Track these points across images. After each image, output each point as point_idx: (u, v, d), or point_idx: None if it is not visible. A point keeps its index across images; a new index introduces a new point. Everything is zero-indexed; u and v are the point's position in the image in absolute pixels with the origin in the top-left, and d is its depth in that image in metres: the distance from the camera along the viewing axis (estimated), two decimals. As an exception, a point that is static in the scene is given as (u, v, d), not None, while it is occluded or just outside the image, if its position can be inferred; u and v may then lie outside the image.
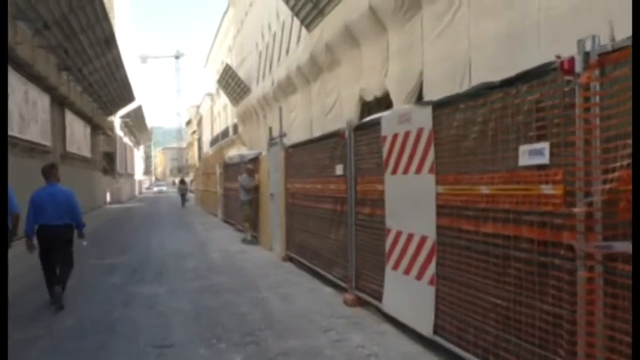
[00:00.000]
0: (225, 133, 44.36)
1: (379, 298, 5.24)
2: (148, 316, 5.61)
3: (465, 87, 8.10)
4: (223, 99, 46.98)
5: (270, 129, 11.23)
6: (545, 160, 2.91)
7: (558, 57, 2.80)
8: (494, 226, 3.37)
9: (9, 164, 6.54)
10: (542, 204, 2.94)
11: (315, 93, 19.10)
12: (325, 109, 17.74)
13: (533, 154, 3.00)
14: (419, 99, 11.38)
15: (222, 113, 49.69)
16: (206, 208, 24.42)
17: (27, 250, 6.11)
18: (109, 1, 27.05)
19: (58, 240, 6.23)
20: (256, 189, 11.75)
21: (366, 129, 5.63)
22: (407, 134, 4.54)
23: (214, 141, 50.31)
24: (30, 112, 15.41)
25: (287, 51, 22.17)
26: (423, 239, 4.34)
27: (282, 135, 9.63)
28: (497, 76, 3.44)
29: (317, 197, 7.34)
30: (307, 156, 7.85)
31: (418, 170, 4.38)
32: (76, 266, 6.84)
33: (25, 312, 5.89)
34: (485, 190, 3.46)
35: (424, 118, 4.25)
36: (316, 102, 18.96)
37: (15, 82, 14.01)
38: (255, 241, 11.75)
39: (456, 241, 3.85)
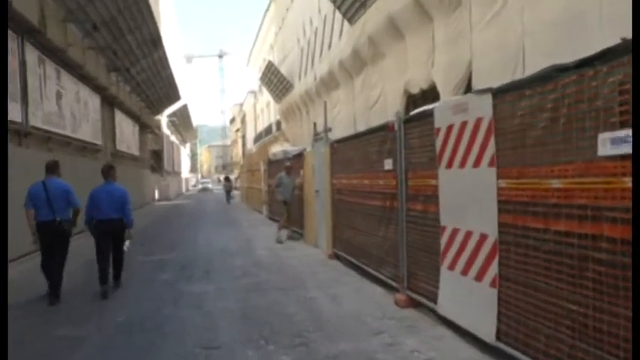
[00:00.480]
0: (268, 130, 44.64)
1: (434, 300, 4.97)
2: (196, 315, 5.54)
3: (518, 75, 7.64)
4: (266, 96, 47.26)
5: (315, 124, 11.04)
6: (629, 149, 2.58)
7: (624, 39, 2.46)
8: (568, 223, 3.05)
9: (62, 162, 7.34)
10: (626, 198, 2.61)
11: (358, 87, 18.80)
12: (369, 104, 17.42)
13: (615, 142, 2.67)
14: (467, 90, 10.95)
15: (265, 110, 50.01)
16: (251, 204, 24.59)
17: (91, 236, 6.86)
18: (155, 3, 27.61)
19: (112, 231, 6.83)
20: (299, 187, 11.63)
21: (417, 121, 5.35)
22: (463, 125, 4.25)
23: (257, 138, 50.75)
24: (81, 112, 15.87)
25: (329, 46, 21.96)
26: (483, 238, 4.04)
27: (327, 130, 9.43)
28: (553, 63, 3.11)
29: (364, 193, 7.11)
30: (354, 151, 7.62)
31: (476, 163, 4.08)
32: (127, 262, 7.33)
33: (75, 307, 5.96)
34: (556, 184, 3.14)
35: (483, 106, 3.95)
36: (359, 96, 18.65)
37: (67, 83, 14.45)
38: (297, 236, 11.68)
39: (522, 240, 3.54)
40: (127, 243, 7.11)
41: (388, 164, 6.08)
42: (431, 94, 13.59)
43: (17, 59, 10.69)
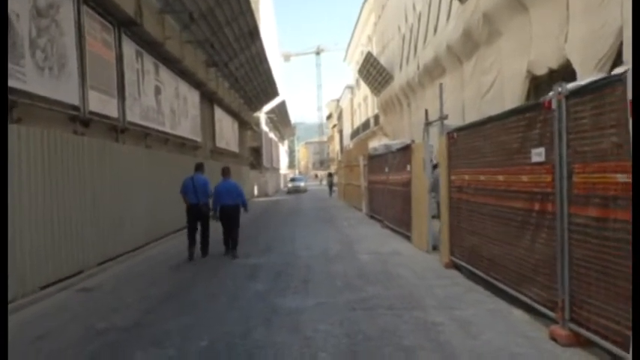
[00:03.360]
0: (365, 125, 43.52)
1: (615, 340, 3.52)
2: (294, 342, 4.50)
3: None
4: (363, 90, 46.19)
5: (427, 111, 9.66)
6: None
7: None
8: None
9: (162, 158, 9.41)
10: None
11: (468, 73, 17.01)
12: (481, 91, 15.62)
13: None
14: (614, 65, 8.99)
15: (363, 105, 48.96)
16: (349, 201, 23.60)
17: (214, 219, 9.53)
18: (255, 2, 27.52)
19: (230, 214, 9.42)
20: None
21: (591, 93, 3.87)
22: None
23: (355, 133, 49.81)
24: (180, 108, 15.75)
25: (435, 29, 20.26)
26: None
27: (444, 117, 8.04)
28: None
29: (498, 192, 5.69)
30: (481, 140, 6.21)
31: None
32: (219, 268, 8.42)
33: (160, 330, 5.21)
34: None
35: None
36: (470, 83, 16.86)
37: (166, 78, 14.30)
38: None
39: None
40: (246, 212, 9.72)
41: (538, 155, 4.65)
42: (562, 74, 11.64)
43: (114, 52, 10.47)
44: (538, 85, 13.02)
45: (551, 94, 4.34)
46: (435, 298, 5.87)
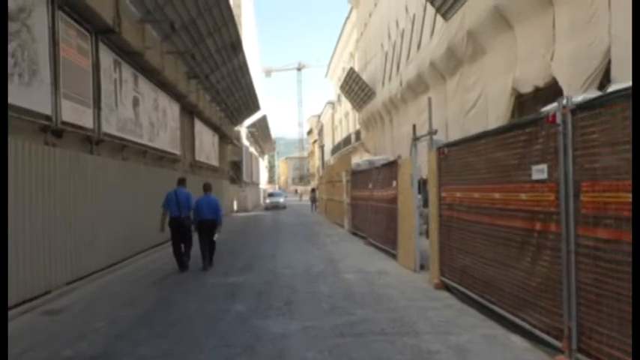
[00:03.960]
0: (347, 141, 43.43)
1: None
2: (278, 372, 4.13)
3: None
4: (344, 106, 46.23)
5: (414, 126, 9.44)
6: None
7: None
8: None
9: (140, 171, 10.90)
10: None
11: (451, 90, 16.97)
12: (465, 107, 15.56)
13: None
14: (601, 84, 8.93)
15: (344, 121, 48.96)
16: (330, 217, 23.28)
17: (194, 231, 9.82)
18: (237, 15, 27.30)
19: (209, 227, 9.75)
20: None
21: (600, 107, 3.64)
22: None
23: (336, 149, 49.71)
24: (160, 120, 15.30)
25: (418, 46, 20.27)
26: None
27: (433, 132, 7.82)
28: None
29: (493, 210, 5.43)
30: (475, 156, 5.97)
31: None
32: (198, 287, 8.09)
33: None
34: None
35: None
36: (453, 100, 16.81)
37: (145, 89, 13.87)
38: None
39: None
40: (216, 235, 9.95)
41: (539, 172, 4.40)
42: (547, 92, 11.61)
43: (90, 60, 10.02)
44: (522, 102, 12.99)
45: (550, 107, 4.11)
46: (427, 322, 5.55)
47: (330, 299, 6.84)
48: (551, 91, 11.52)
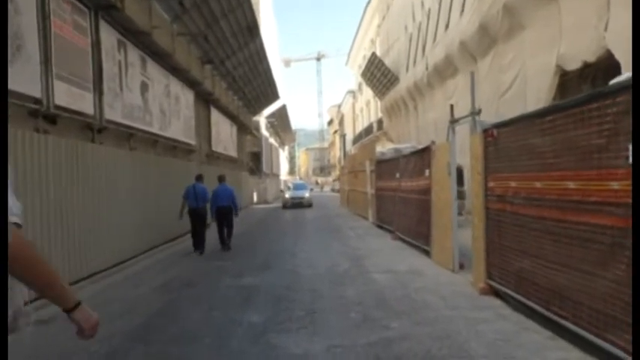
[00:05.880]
0: (368, 130, 42.30)
1: None
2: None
3: None
4: (365, 95, 45.03)
5: (452, 107, 8.35)
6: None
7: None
8: None
9: (150, 160, 10.34)
10: None
11: (483, 72, 15.71)
12: (499, 90, 14.35)
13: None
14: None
15: (365, 109, 47.79)
16: (353, 209, 22.26)
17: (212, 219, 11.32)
18: (255, 3, 26.28)
19: (225, 212, 11.09)
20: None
21: None
22: None
23: (357, 139, 48.59)
24: (172, 108, 14.41)
25: (446, 26, 19.00)
26: None
27: (476, 112, 6.74)
28: None
29: (564, 203, 4.36)
30: (537, 136, 4.88)
31: None
32: (208, 290, 7.26)
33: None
34: None
35: None
36: (485, 82, 15.54)
37: (155, 74, 12.98)
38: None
39: None
40: (236, 218, 11.41)
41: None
42: (595, 70, 10.42)
43: (89, 38, 9.11)
44: (565, 82, 11.77)
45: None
46: (480, 339, 4.52)
47: (360, 307, 5.85)
48: (600, 68, 10.33)
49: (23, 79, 6.86)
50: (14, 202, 1.53)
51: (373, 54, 30.14)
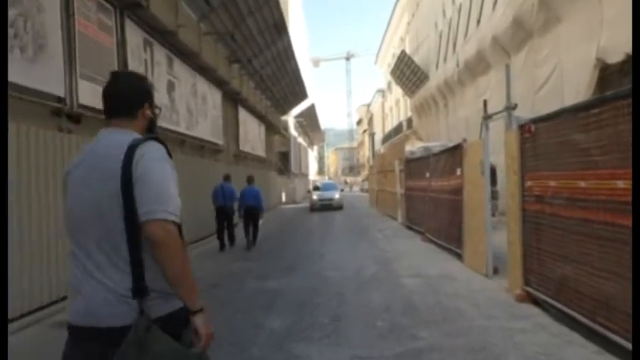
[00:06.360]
0: (398, 129, 41.72)
1: None
2: None
3: None
4: (395, 94, 44.47)
5: (485, 102, 7.96)
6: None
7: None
8: None
9: (177, 160, 9.69)
10: None
11: (517, 67, 15.09)
12: (535, 86, 13.78)
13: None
14: None
15: (394, 108, 47.21)
16: (382, 209, 21.88)
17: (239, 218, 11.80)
18: (284, 2, 26.13)
19: (252, 212, 11.56)
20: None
21: None
22: None
23: (386, 138, 48.06)
24: (199, 107, 14.35)
25: (478, 22, 18.45)
26: None
27: (512, 107, 6.34)
28: None
29: (615, 205, 3.96)
30: (580, 132, 4.49)
31: None
32: (231, 292, 7.19)
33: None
34: None
35: None
36: (519, 79, 14.89)
37: (182, 74, 12.92)
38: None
39: None
40: (261, 221, 11.89)
41: None
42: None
43: (115, 38, 9.05)
44: (605, 77, 11.15)
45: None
46: (520, 353, 4.16)
47: (387, 314, 5.54)
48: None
49: (45, 78, 6.80)
50: (175, 201, 1.80)
51: (403, 52, 29.65)
